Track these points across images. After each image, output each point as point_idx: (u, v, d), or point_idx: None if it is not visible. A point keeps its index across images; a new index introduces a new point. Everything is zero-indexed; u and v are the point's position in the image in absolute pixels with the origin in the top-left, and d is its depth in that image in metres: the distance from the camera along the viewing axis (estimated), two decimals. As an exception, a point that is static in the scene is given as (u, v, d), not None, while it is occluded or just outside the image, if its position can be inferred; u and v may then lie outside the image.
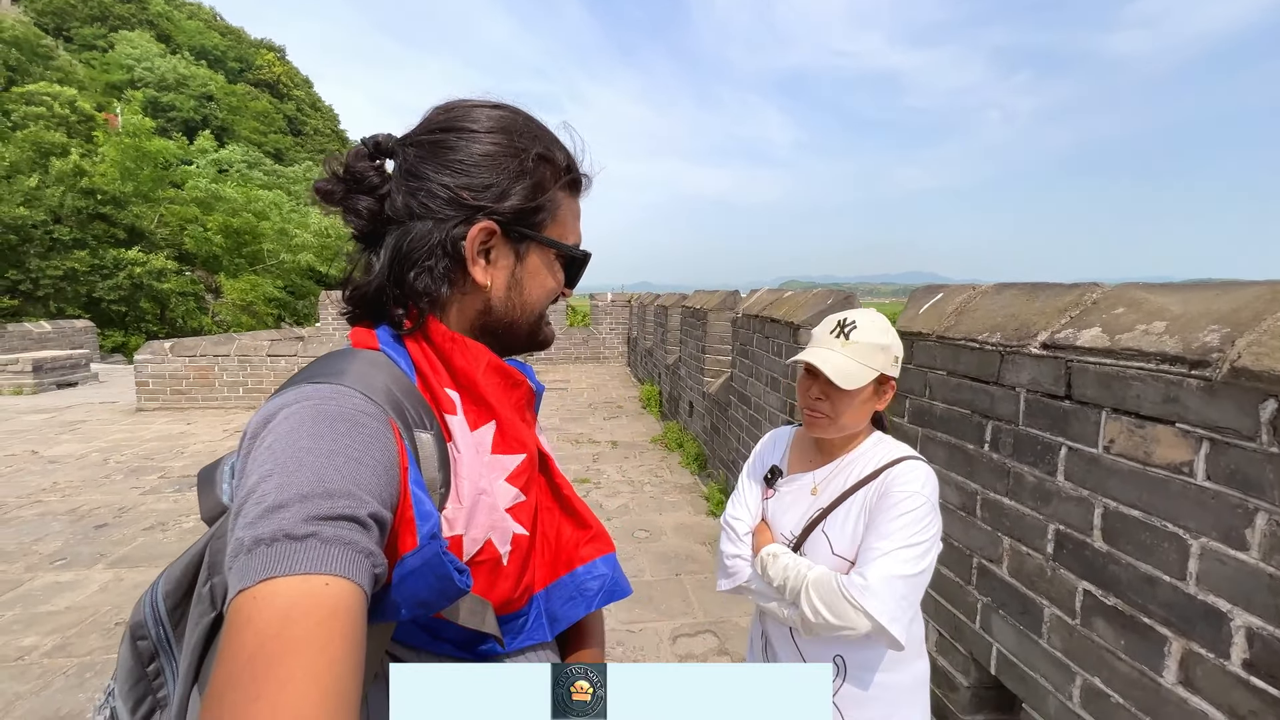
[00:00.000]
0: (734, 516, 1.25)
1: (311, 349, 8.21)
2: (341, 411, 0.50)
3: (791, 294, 3.78)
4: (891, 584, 0.97)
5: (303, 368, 0.59)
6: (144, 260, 17.69)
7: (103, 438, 6.41)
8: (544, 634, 0.69)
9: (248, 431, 0.51)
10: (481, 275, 0.63)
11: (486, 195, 0.62)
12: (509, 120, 0.64)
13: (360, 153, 0.64)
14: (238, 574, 0.40)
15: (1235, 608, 1.09)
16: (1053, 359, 1.50)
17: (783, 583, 1.07)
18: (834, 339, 1.10)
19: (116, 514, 4.23)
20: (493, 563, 0.61)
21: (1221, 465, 1.11)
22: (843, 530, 1.09)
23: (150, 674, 0.58)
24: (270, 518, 0.41)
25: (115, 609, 2.96)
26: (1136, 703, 1.27)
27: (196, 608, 0.54)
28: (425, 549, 0.49)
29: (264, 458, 0.46)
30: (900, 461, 1.09)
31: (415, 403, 0.59)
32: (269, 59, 47.04)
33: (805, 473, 1.20)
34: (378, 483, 0.47)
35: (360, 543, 0.43)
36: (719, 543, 1.25)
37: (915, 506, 1.02)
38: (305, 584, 0.39)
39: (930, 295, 2.21)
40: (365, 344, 0.63)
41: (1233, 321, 1.15)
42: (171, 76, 31.36)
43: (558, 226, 0.68)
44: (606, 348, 13.28)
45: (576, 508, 0.75)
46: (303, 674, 0.36)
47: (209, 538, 0.56)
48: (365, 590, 0.42)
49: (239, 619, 0.38)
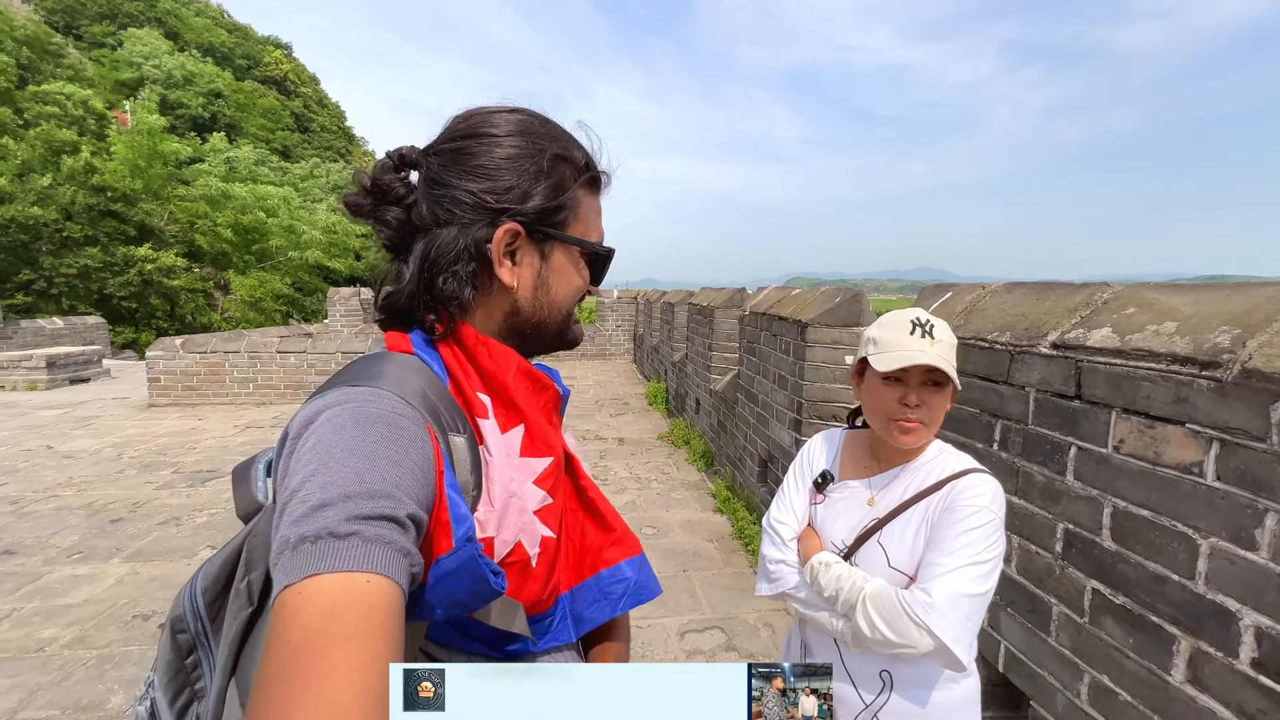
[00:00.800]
0: (779, 520, 1.18)
1: (320, 345, 8.27)
2: (381, 414, 0.51)
3: (799, 292, 3.78)
4: (957, 602, 0.92)
5: (340, 370, 0.61)
6: (154, 257, 17.84)
7: (116, 433, 6.49)
8: (569, 635, 0.70)
9: (290, 431, 0.52)
10: (508, 276, 0.64)
11: (509, 197, 0.63)
12: (527, 123, 0.66)
13: (386, 165, 0.66)
14: (283, 570, 0.41)
15: (1244, 607, 1.09)
16: (1063, 359, 1.50)
17: (834, 593, 1.01)
18: (921, 340, 1.01)
19: (131, 508, 4.29)
20: (522, 564, 0.62)
21: (1231, 466, 1.12)
22: (901, 543, 1.03)
23: (189, 666, 0.59)
24: (314, 516, 0.42)
25: (132, 602, 3.01)
26: (1145, 701, 1.28)
27: (234, 602, 0.55)
28: (461, 552, 0.50)
29: (308, 458, 0.47)
30: (967, 474, 1.03)
31: (449, 406, 0.60)
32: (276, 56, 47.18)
33: (860, 479, 1.14)
34: (415, 485, 0.48)
35: (399, 542, 0.44)
36: (761, 545, 1.20)
37: (984, 522, 0.97)
38: (348, 581, 0.40)
39: (939, 294, 2.21)
40: (399, 348, 0.64)
41: (1244, 322, 1.15)
42: (179, 74, 31.50)
43: (580, 224, 0.69)
44: (613, 344, 13.30)
45: (601, 510, 0.76)
46: (346, 667, 0.37)
47: (246, 534, 0.58)
48: (404, 588, 0.43)
49: (285, 613, 0.39)
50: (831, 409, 3.23)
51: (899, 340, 1.02)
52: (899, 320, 1.04)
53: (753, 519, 3.90)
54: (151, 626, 2.80)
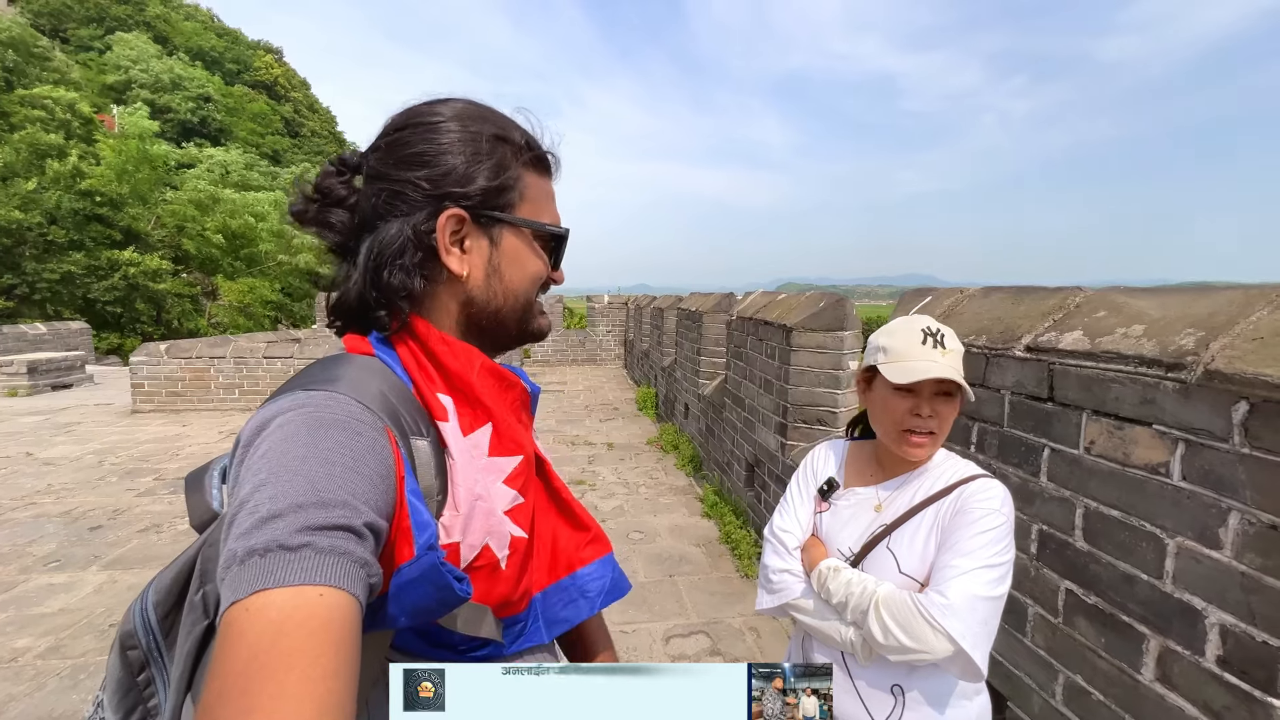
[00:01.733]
0: (782, 529, 1.15)
1: (308, 350, 8.21)
2: (337, 419, 0.49)
3: (785, 296, 3.81)
4: (974, 605, 0.89)
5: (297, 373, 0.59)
6: (139, 261, 17.65)
7: (98, 439, 6.40)
8: (541, 636, 0.68)
9: (241, 439, 0.50)
10: (457, 265, 0.63)
11: (449, 182, 0.62)
12: (460, 109, 0.65)
13: (329, 171, 0.65)
14: (230, 585, 0.40)
15: (1210, 605, 1.11)
16: (1036, 361, 1.52)
17: (844, 599, 0.98)
18: (932, 350, 1.00)
19: (111, 516, 4.23)
20: (491, 567, 0.61)
21: (1196, 466, 1.13)
22: (911, 548, 1.00)
23: (141, 683, 0.57)
24: (264, 528, 0.41)
25: (109, 611, 2.96)
26: (1116, 700, 1.30)
27: (189, 616, 0.53)
28: (423, 559, 0.49)
29: (258, 466, 0.45)
30: (976, 478, 1.02)
31: (411, 409, 0.59)
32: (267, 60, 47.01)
33: (866, 486, 1.12)
34: (374, 492, 0.47)
35: (355, 553, 0.43)
36: (763, 555, 1.17)
37: (995, 525, 0.95)
38: (299, 595, 0.39)
39: (919, 298, 2.23)
40: (359, 349, 0.62)
41: (1208, 325, 1.17)
42: (167, 77, 31.30)
43: (529, 206, 0.67)
44: (603, 350, 13.30)
45: (574, 509, 0.75)
46: (296, 686, 0.36)
47: (200, 545, 0.56)
48: (360, 600, 0.42)
49: (231, 631, 0.38)
50: (816, 413, 3.25)
51: (910, 350, 1.00)
52: (909, 329, 1.02)
53: (739, 524, 3.90)
54: (128, 635, 2.75)
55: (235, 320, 20.56)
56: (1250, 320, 1.11)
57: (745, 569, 3.43)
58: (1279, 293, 1.14)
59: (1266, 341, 1.05)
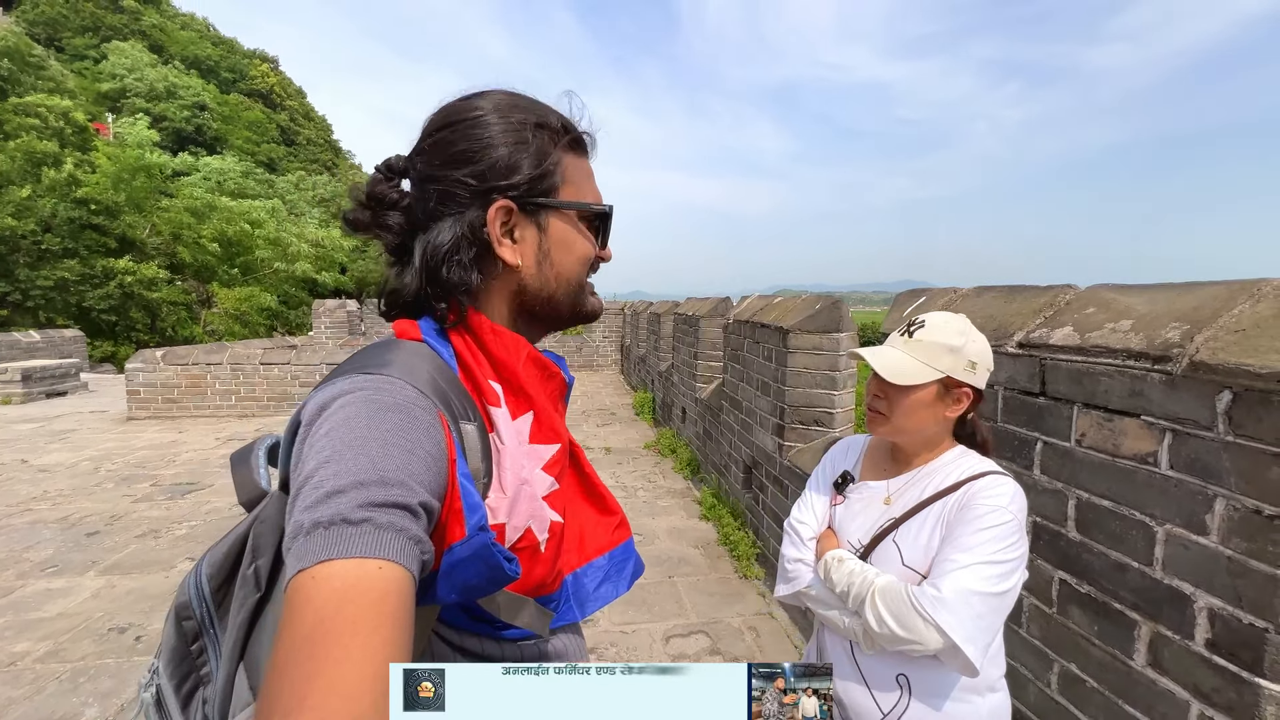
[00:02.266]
0: (799, 520, 1.20)
1: (305, 357, 8.20)
2: (395, 402, 0.52)
3: (781, 299, 3.85)
4: (968, 599, 0.89)
5: (349, 357, 0.62)
6: (134, 269, 17.59)
7: (93, 446, 6.37)
8: (574, 615, 0.72)
9: (302, 418, 0.52)
10: (510, 255, 0.65)
11: (494, 175, 0.63)
12: (499, 101, 0.66)
13: (377, 178, 0.68)
14: (296, 555, 0.42)
15: (1198, 590, 1.14)
16: (1028, 357, 1.56)
17: (846, 588, 1.01)
18: (899, 337, 1.06)
19: (108, 522, 4.21)
20: (531, 549, 0.63)
21: (1183, 454, 1.17)
22: (915, 541, 1.02)
23: (194, 653, 0.60)
24: (328, 502, 0.43)
25: (107, 615, 2.96)
26: (1110, 686, 1.32)
27: (241, 589, 0.55)
28: (474, 540, 0.51)
29: (321, 444, 0.47)
30: (985, 475, 1.02)
31: (459, 394, 0.61)
32: (263, 69, 47.07)
33: (878, 481, 1.15)
34: (428, 473, 0.49)
35: (411, 530, 0.45)
36: (782, 546, 1.21)
37: (1000, 522, 0.94)
38: (360, 567, 0.41)
39: (914, 299, 2.27)
40: (408, 335, 0.64)
41: (1193, 319, 1.21)
42: (162, 86, 31.29)
43: (571, 188, 0.68)
44: (600, 355, 13.32)
45: (603, 494, 0.78)
46: (358, 652, 0.38)
47: (252, 520, 0.58)
48: (414, 575, 0.44)
49: (298, 598, 0.40)
50: (813, 414, 3.28)
51: (889, 336, 1.08)
52: (907, 320, 1.09)
53: (738, 525, 3.92)
54: (128, 639, 2.75)
55: (231, 328, 20.48)
56: (1233, 313, 1.15)
57: (744, 570, 3.45)
58: (1259, 287, 1.18)
59: (1248, 333, 1.09)
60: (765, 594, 3.21)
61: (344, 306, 13.73)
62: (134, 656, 2.62)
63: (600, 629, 2.86)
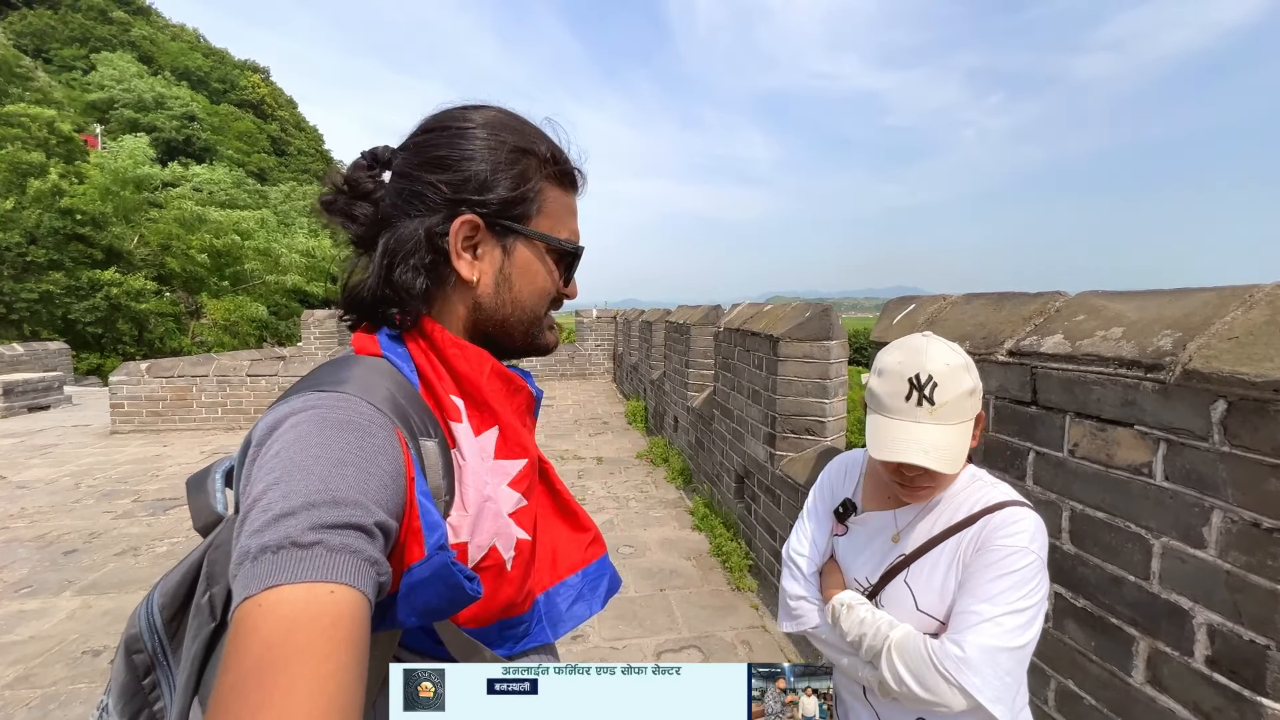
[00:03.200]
0: (797, 552, 1.11)
1: (293, 368, 8.11)
2: (348, 420, 0.50)
3: (771, 307, 3.83)
4: (995, 658, 0.82)
5: (306, 375, 0.60)
6: (121, 280, 17.42)
7: (75, 461, 6.25)
8: (546, 636, 0.69)
9: (253, 438, 0.51)
10: (467, 270, 0.64)
11: (468, 188, 0.62)
12: (491, 117, 0.66)
13: (359, 164, 0.66)
14: (243, 581, 0.40)
15: (1196, 605, 1.11)
16: (1019, 365, 1.53)
17: (858, 638, 0.93)
18: (915, 408, 0.89)
19: (87, 539, 4.12)
20: (497, 568, 0.61)
21: (1178, 465, 1.14)
22: (929, 583, 0.93)
23: (146, 687, 0.58)
24: (276, 525, 0.42)
25: (82, 637, 2.87)
26: (1108, 704, 1.29)
27: (195, 619, 0.53)
28: (434, 559, 0.50)
29: (270, 465, 0.46)
30: (1003, 507, 0.92)
31: (419, 410, 0.59)
32: (253, 80, 47.07)
33: (884, 511, 1.03)
34: (384, 492, 0.48)
35: (366, 551, 0.43)
36: (781, 578, 1.14)
37: (1024, 564, 0.86)
38: (310, 591, 0.39)
39: (903, 306, 2.25)
40: (367, 350, 0.63)
41: (1184, 326, 1.19)
42: (150, 97, 31.18)
43: (546, 220, 0.67)
44: (592, 364, 13.27)
45: (575, 511, 0.76)
46: (307, 682, 0.36)
47: (206, 547, 0.56)
48: (370, 598, 0.42)
49: (244, 627, 0.38)
50: (805, 423, 3.25)
51: (894, 404, 0.91)
52: (898, 375, 0.91)
53: (730, 536, 3.87)
54: (102, 663, 2.66)
55: (221, 339, 20.30)
56: (1225, 320, 1.13)
57: (736, 581, 3.40)
58: (1250, 293, 1.16)
59: (1241, 341, 1.07)
60: (758, 606, 3.16)
61: (334, 317, 13.62)
62: (108, 681, 2.54)
63: (590, 645, 2.80)
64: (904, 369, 0.91)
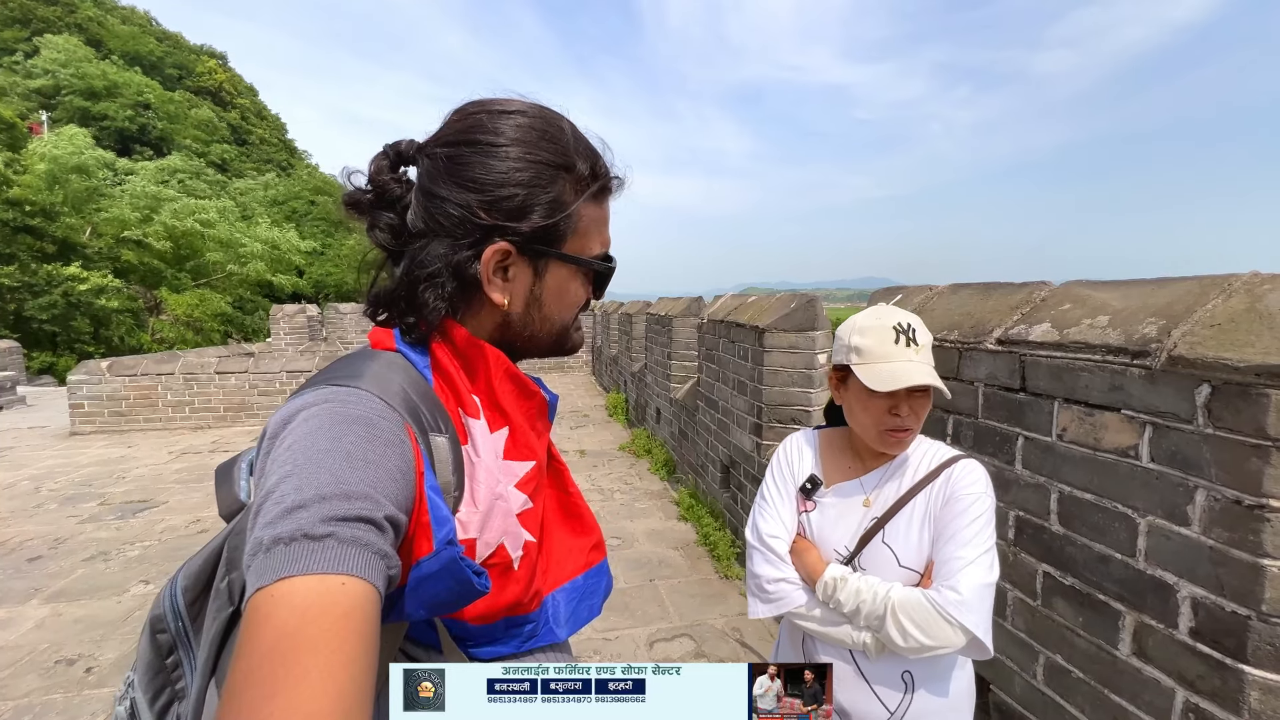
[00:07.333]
0: (770, 535, 1.11)
1: (263, 365, 7.88)
2: (360, 415, 0.51)
3: (756, 299, 3.86)
4: (982, 594, 0.93)
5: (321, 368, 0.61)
6: (84, 277, 16.64)
7: (33, 464, 5.99)
8: (555, 635, 0.69)
9: (267, 431, 0.52)
10: (499, 295, 0.62)
11: (500, 214, 0.60)
12: (527, 131, 0.61)
13: (382, 166, 0.64)
14: (256, 572, 0.41)
15: (1181, 580, 1.17)
16: (1007, 354, 1.58)
17: (856, 607, 0.98)
18: (906, 348, 1.00)
19: (52, 545, 3.95)
20: (503, 566, 0.62)
21: (1163, 447, 1.19)
22: (908, 540, 1.02)
23: (169, 666, 0.59)
24: (289, 518, 0.42)
25: (54, 646, 2.76)
26: (1095, 676, 1.35)
27: (214, 602, 0.55)
28: (442, 554, 0.50)
29: (284, 458, 0.46)
30: (957, 460, 1.04)
31: (431, 406, 0.59)
32: (210, 65, 45.21)
33: (850, 480, 1.11)
34: (394, 487, 0.48)
35: (376, 544, 0.44)
36: (751, 564, 1.13)
37: (985, 509, 0.99)
38: (322, 583, 0.40)
39: (890, 296, 2.29)
40: (383, 344, 0.63)
41: (1168, 314, 1.24)
42: (100, 84, 29.69)
43: (580, 239, 0.65)
44: (571, 356, 13.22)
45: (582, 512, 0.77)
46: (318, 672, 0.36)
47: (227, 533, 0.57)
48: (379, 591, 0.43)
49: (257, 616, 0.39)
50: (791, 412, 3.30)
51: (885, 350, 0.99)
52: (880, 327, 1.01)
53: (717, 525, 3.92)
54: (77, 672, 2.57)
55: (183, 335, 19.60)
56: (1207, 308, 1.18)
57: (724, 570, 3.45)
58: (1229, 282, 1.21)
59: (1223, 327, 1.12)
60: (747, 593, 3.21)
61: (304, 311, 13.29)
62: (85, 690, 2.45)
63: (582, 636, 2.81)
64: (884, 321, 1.02)
